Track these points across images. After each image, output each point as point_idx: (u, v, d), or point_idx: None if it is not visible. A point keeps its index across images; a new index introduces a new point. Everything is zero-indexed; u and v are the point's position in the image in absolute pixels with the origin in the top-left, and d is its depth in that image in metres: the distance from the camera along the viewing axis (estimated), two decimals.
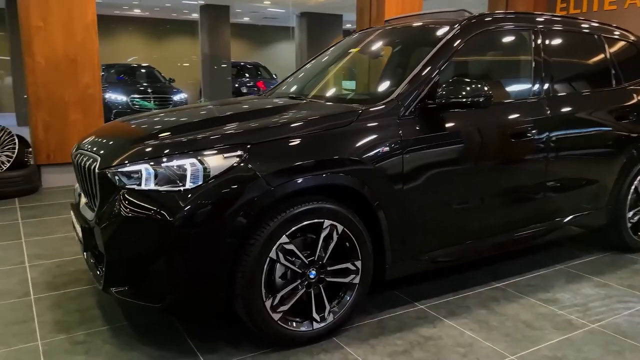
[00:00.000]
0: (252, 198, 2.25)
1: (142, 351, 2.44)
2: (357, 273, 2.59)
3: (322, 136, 2.49)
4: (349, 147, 2.50)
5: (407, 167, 2.64)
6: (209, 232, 2.20)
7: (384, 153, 2.58)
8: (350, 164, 2.48)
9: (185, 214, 2.17)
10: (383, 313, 2.84)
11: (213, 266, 2.24)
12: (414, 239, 2.78)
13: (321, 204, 2.43)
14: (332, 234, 2.48)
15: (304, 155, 2.39)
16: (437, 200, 2.81)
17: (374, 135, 2.59)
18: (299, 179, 2.35)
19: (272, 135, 2.42)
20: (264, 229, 2.31)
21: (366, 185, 2.52)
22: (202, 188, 2.21)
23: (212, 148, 2.30)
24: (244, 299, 2.31)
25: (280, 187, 2.31)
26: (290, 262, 2.40)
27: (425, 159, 2.72)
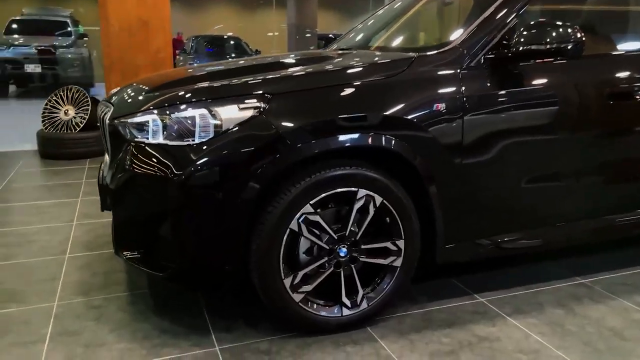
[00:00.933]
0: (270, 158, 1.91)
1: (153, 323, 2.22)
2: (399, 254, 2.18)
3: (361, 87, 2.08)
4: (394, 102, 2.07)
5: (468, 135, 2.16)
6: (218, 194, 1.90)
7: (439, 113, 2.12)
8: (392, 124, 2.05)
9: (190, 172, 1.89)
10: (433, 303, 2.41)
11: (223, 234, 1.94)
12: (473, 220, 2.31)
13: (354, 170, 2.04)
14: (368, 206, 2.09)
15: (336, 110, 2.00)
16: (507, 175, 2.30)
17: (428, 90, 2.14)
18: (327, 138, 1.97)
19: (298, 85, 2.05)
20: (284, 195, 1.97)
21: (413, 152, 2.08)
22: (212, 144, 1.91)
23: (225, 98, 1.98)
24: (259, 274, 2.00)
25: (305, 147, 1.95)
26: (315, 236, 2.05)
27: (493, 124, 2.21)
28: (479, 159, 2.21)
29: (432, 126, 2.11)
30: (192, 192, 1.90)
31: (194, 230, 1.93)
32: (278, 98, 1.98)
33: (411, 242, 2.18)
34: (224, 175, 1.90)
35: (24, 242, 3.09)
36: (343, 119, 1.99)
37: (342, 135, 1.99)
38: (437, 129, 2.11)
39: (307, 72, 2.19)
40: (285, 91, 2.01)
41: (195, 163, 1.89)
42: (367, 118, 2.02)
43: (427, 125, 2.10)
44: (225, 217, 1.92)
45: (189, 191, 1.90)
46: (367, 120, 2.02)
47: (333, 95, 2.03)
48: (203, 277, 2.02)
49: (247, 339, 2.11)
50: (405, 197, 2.14)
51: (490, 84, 2.22)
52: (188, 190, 1.90)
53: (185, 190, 1.90)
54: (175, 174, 1.90)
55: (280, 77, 2.08)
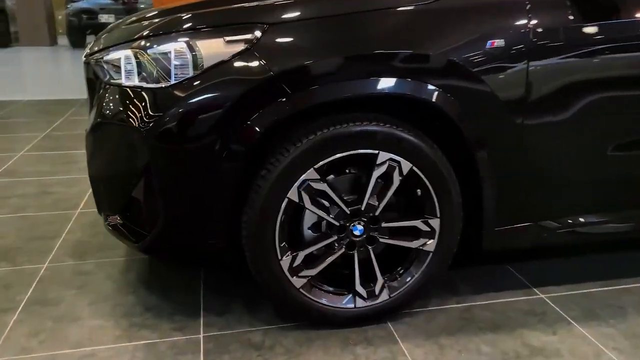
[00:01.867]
0: (262, 108, 1.49)
1: (139, 297, 1.92)
2: (432, 236, 1.71)
3: (388, 17, 1.57)
4: (432, 37, 1.56)
5: (535, 84, 1.62)
6: (196, 151, 1.51)
7: (495, 54, 1.58)
8: (429, 67, 1.55)
9: (161, 122, 1.51)
10: (477, 297, 1.93)
11: (202, 201, 1.56)
12: (537, 196, 1.79)
13: (374, 127, 1.57)
14: (392, 174, 1.62)
15: (350, 46, 1.52)
16: (587, 141, 1.74)
17: (481, 21, 1.59)
18: (337, 83, 1.51)
19: (304, 12, 1.57)
20: (281, 156, 1.54)
21: (457, 106, 1.58)
22: (189, 86, 1.51)
23: (209, 28, 1.55)
24: (250, 252, 1.61)
25: (307, 94, 1.50)
26: (321, 209, 1.62)
27: (573, 72, 1.64)
28: (550, 118, 1.66)
29: (484, 72, 1.58)
30: (162, 147, 1.52)
31: (166, 195, 1.57)
32: (276, 29, 1.53)
33: (449, 222, 1.70)
34: (201, 127, 1.50)
35: (40, 193, 2.91)
36: (359, 58, 1.51)
37: (356, 80, 1.52)
38: (491, 76, 1.58)
39: None
40: (286, 20, 1.55)
41: (166, 111, 1.51)
42: (394, 58, 1.52)
43: (477, 70, 1.57)
44: (203, 180, 1.54)
45: (158, 146, 1.53)
46: (394, 60, 1.52)
47: (348, 27, 1.55)
48: (183, 251, 1.67)
49: (240, 326, 1.76)
50: (443, 164, 1.64)
51: (571, 13, 1.63)
52: (157, 144, 1.53)
53: (154, 144, 1.53)
54: (143, 125, 1.53)
55: (282, 2, 1.62)
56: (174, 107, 1.50)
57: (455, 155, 1.70)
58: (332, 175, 1.69)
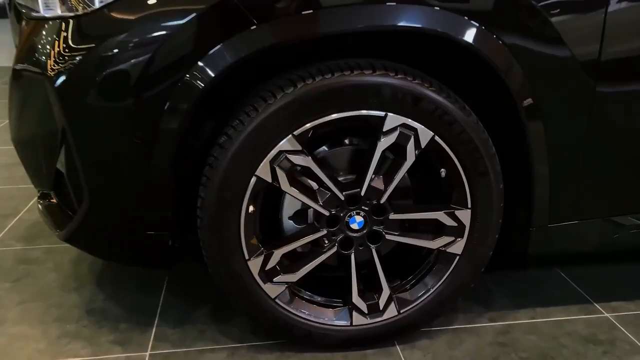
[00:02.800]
0: (215, 42, 1.03)
1: (83, 296, 1.53)
2: (461, 234, 1.23)
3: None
4: None
5: (613, 37, 1.12)
6: (124, 105, 1.08)
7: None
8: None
9: (76, 65, 1.07)
10: (517, 314, 1.46)
11: (134, 179, 1.13)
12: (609, 183, 1.29)
13: (379, 77, 1.09)
14: (406, 146, 1.15)
15: None
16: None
17: None
18: (326, 10, 1.04)
19: None
20: (246, 117, 1.10)
21: (504, 55, 1.09)
22: (113, 13, 1.06)
23: None
24: (207, 249, 1.18)
25: (280, 25, 1.04)
26: (304, 193, 1.17)
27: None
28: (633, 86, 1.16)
29: (550, 8, 1.08)
30: (79, 99, 1.09)
31: (87, 167, 1.14)
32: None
33: (485, 215, 1.22)
34: (131, 71, 1.05)
35: (11, 164, 2.54)
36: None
37: (354, 7, 1.05)
38: (559, 16, 1.09)
39: None
40: None
41: (83, 50, 1.07)
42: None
43: (541, 5, 1.07)
44: (137, 147, 1.10)
45: (73, 98, 1.10)
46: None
47: None
48: (114, 244, 1.24)
49: (200, 342, 1.34)
50: (480, 134, 1.16)
51: None
52: (72, 95, 1.09)
53: (69, 95, 1.09)
54: (56, 70, 1.10)
55: None
56: (95, 43, 1.06)
57: (497, 125, 1.22)
58: (324, 147, 1.24)
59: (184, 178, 1.19)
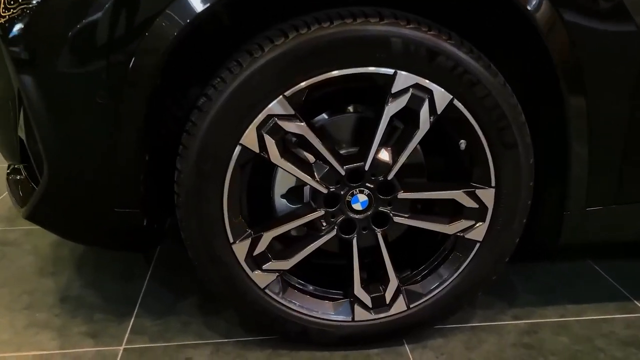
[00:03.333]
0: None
1: (60, 280, 1.39)
2: (482, 217, 1.05)
3: None
4: None
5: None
6: (82, 63, 0.92)
7: None
8: None
9: (24, 17, 0.92)
10: (545, 311, 1.28)
11: (101, 143, 0.97)
12: None
13: (387, 26, 0.91)
14: (419, 111, 0.97)
15: None
16: None
17: None
18: None
19: None
20: (228, 73, 0.93)
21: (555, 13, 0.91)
22: None
23: None
24: (186, 231, 1.02)
25: None
26: (298, 166, 1.00)
27: None
28: None
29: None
30: (33, 54, 0.93)
31: (46, 134, 0.98)
32: None
33: (512, 195, 1.04)
34: (92, 20, 0.89)
35: None
36: None
37: None
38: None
39: None
40: None
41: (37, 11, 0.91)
42: None
43: None
44: (99, 111, 0.94)
45: (25, 52, 0.94)
46: None
47: None
48: (80, 223, 1.08)
49: (181, 336, 1.18)
50: (507, 99, 0.98)
51: None
52: (25, 50, 0.94)
53: (20, 50, 0.94)
54: (3, 17, 0.94)
55: None
56: None
57: (531, 95, 1.03)
58: (323, 115, 1.06)
59: (164, 151, 1.04)
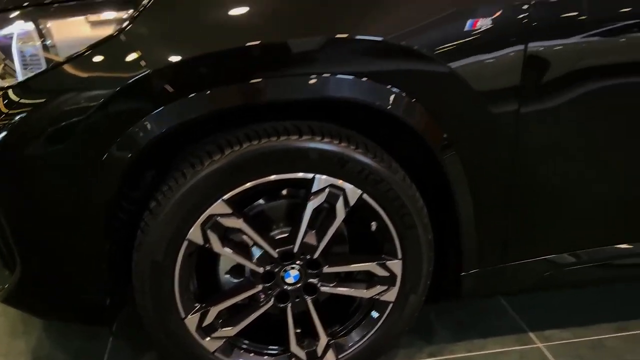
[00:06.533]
0: (140, 117, 1.05)
1: (30, 341, 1.53)
2: (392, 283, 1.28)
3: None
4: (377, 10, 1.09)
5: (536, 69, 1.16)
6: (48, 175, 1.10)
7: (477, 36, 1.11)
8: (369, 51, 1.09)
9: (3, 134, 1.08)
10: (455, 347, 1.51)
11: (65, 242, 1.15)
12: (543, 217, 1.34)
13: (305, 142, 1.12)
14: (335, 204, 1.18)
15: (261, 27, 1.07)
16: (609, 144, 1.28)
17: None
18: (245, 84, 1.07)
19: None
20: (174, 183, 1.11)
21: (422, 107, 1.13)
22: (39, 85, 1.07)
23: (65, 4, 1.09)
24: (143, 312, 1.20)
25: (201, 99, 1.06)
26: (238, 253, 1.20)
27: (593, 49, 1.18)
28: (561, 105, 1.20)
29: (456, 57, 1.11)
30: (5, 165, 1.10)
31: (19, 229, 1.15)
32: (160, 4, 1.07)
33: (415, 265, 1.27)
34: (55, 141, 1.07)
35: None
36: (269, 48, 1.06)
37: (272, 84, 1.08)
38: (464, 62, 1.12)
39: None
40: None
41: (9, 119, 1.07)
42: (320, 47, 1.07)
43: (445, 55, 1.10)
44: (66, 213, 1.11)
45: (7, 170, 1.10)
46: (318, 49, 1.07)
47: (258, 3, 1.09)
48: (52, 306, 1.25)
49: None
50: (406, 189, 1.20)
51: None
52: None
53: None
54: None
55: None
56: (17, 114, 1.06)
57: (423, 171, 1.26)
58: (260, 201, 1.26)
59: (121, 238, 1.21)
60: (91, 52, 1.03)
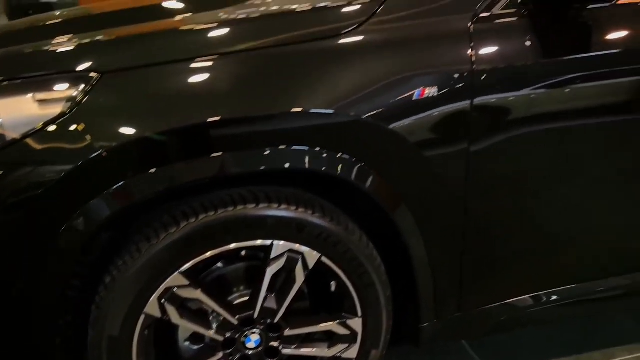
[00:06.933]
0: (97, 191, 1.03)
1: None
2: (353, 340, 1.29)
3: (264, 61, 1.12)
4: (327, 88, 1.12)
5: (481, 136, 1.21)
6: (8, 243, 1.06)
7: (424, 104, 1.15)
8: (320, 127, 1.12)
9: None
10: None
11: (16, 326, 1.11)
12: (493, 269, 1.38)
13: (263, 210, 1.13)
14: (294, 269, 1.19)
15: (214, 106, 1.07)
16: (555, 198, 1.35)
17: (405, 62, 1.16)
18: (198, 160, 1.07)
19: (149, 53, 1.10)
20: (129, 258, 1.09)
21: (372, 170, 1.16)
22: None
23: (13, 80, 1.07)
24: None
25: (154, 177, 1.05)
26: (197, 322, 1.18)
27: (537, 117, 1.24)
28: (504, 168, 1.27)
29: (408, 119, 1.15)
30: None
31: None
32: (111, 80, 1.06)
33: (375, 321, 1.29)
34: (12, 212, 1.03)
35: None
36: (225, 124, 1.07)
37: (225, 154, 1.08)
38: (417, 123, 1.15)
39: (172, 28, 1.23)
40: (123, 66, 1.07)
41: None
42: (271, 120, 1.09)
43: (397, 121, 1.14)
44: (19, 287, 1.08)
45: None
46: (271, 123, 1.09)
47: (211, 78, 1.09)
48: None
49: None
50: (364, 249, 1.22)
51: (532, 49, 1.22)
52: None
53: None
54: None
55: (122, 39, 1.15)
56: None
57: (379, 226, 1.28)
58: (219, 264, 1.25)
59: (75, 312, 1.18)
60: (46, 129, 1.01)
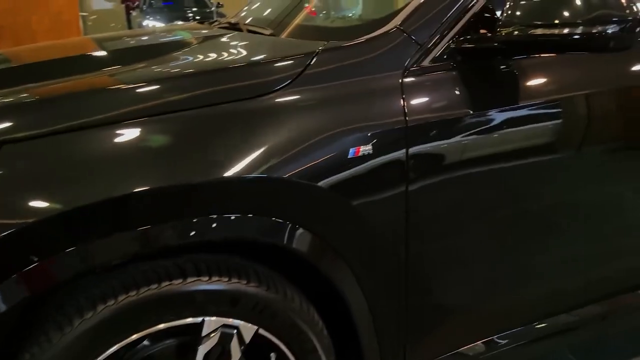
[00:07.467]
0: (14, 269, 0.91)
1: None
2: None
3: (201, 120, 1.05)
4: (258, 150, 1.05)
5: (419, 177, 1.18)
6: None
7: (358, 163, 1.11)
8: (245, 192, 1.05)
9: None
10: None
11: None
12: (436, 320, 1.35)
13: (190, 286, 1.03)
14: (229, 345, 1.09)
15: (134, 177, 0.98)
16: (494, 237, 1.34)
17: (337, 120, 1.12)
18: (117, 236, 0.97)
19: (60, 117, 1.00)
20: (37, 349, 0.96)
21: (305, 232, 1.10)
22: None
23: None
24: None
25: (66, 258, 0.94)
26: None
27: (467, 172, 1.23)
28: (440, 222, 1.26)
29: (345, 186, 1.10)
30: None
31: None
32: (15, 150, 0.95)
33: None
34: None
35: None
36: (144, 196, 0.97)
37: (159, 230, 0.99)
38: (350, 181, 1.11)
39: (87, 88, 1.14)
40: (31, 134, 0.97)
41: None
42: (193, 191, 1.01)
43: (333, 183, 1.09)
44: None
45: None
46: (193, 193, 1.01)
47: (128, 145, 1.01)
48: None
49: None
50: (303, 316, 1.15)
51: (460, 99, 1.21)
52: None
53: None
54: None
55: (33, 101, 1.04)
56: None
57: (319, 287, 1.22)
58: (146, 342, 1.13)
59: None
60: None
